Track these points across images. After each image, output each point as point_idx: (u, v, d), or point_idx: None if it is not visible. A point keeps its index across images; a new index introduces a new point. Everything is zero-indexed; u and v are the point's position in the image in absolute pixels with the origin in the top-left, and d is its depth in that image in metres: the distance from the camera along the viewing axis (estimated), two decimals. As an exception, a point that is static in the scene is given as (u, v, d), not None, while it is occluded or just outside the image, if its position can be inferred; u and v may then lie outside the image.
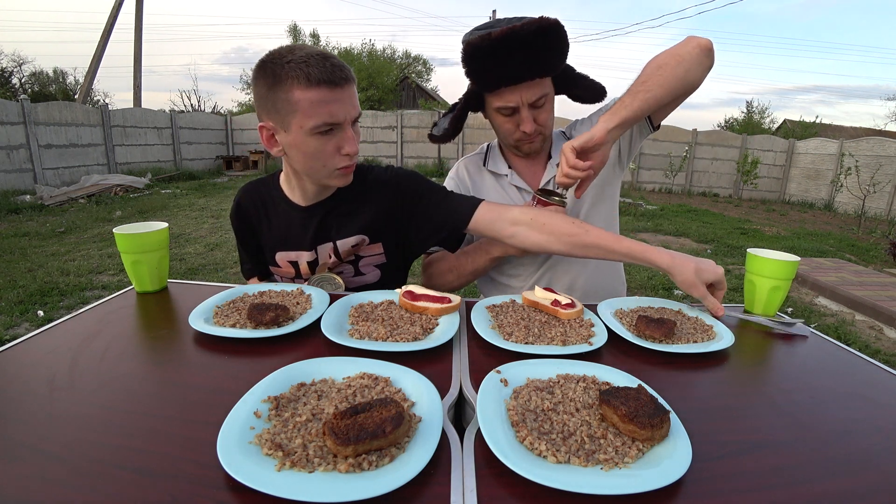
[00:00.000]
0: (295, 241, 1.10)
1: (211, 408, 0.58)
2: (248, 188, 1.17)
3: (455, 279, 1.21)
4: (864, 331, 3.64)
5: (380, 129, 13.65)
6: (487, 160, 1.29)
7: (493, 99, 1.08)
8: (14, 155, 8.17)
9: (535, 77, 1.03)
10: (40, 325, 3.02)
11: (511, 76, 1.02)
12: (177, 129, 12.24)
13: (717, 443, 0.56)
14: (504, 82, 1.03)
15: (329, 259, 1.09)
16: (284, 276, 1.15)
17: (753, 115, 25.50)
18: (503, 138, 1.18)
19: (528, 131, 1.08)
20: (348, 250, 1.09)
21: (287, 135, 0.92)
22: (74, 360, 0.70)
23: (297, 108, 0.88)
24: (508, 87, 1.04)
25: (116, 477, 0.47)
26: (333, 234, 1.09)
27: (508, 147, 1.20)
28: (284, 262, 1.12)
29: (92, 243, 5.17)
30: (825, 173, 12.03)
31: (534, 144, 1.15)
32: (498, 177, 1.27)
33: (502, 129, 1.13)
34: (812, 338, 0.91)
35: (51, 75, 24.96)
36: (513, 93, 1.04)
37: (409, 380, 0.64)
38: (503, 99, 1.06)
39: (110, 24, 13.09)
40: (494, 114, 1.12)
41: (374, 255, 1.12)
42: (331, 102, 0.89)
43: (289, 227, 1.10)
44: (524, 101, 1.05)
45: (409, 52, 26.69)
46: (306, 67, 0.86)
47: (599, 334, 0.82)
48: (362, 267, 1.13)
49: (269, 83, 0.89)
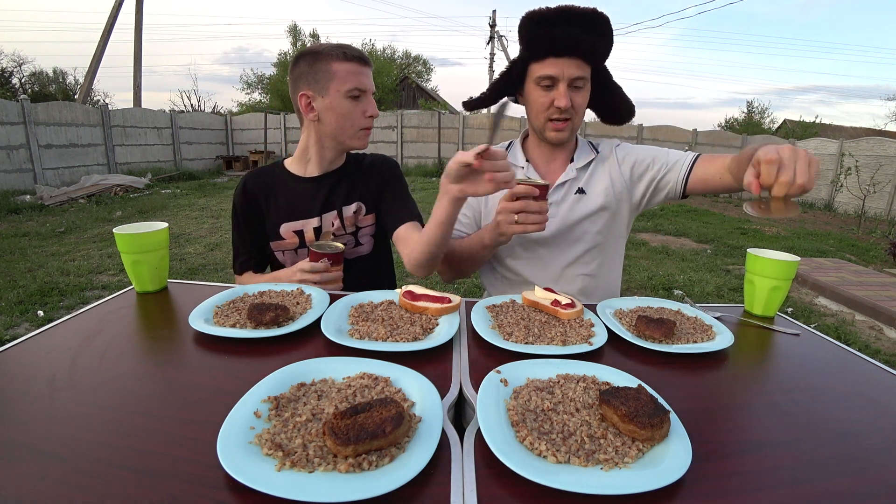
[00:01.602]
0: (303, 211, 1.25)
1: (211, 408, 0.58)
2: (253, 173, 1.31)
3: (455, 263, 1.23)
4: (864, 331, 3.64)
5: (380, 129, 13.64)
6: (507, 152, 1.30)
7: (537, 68, 1.12)
8: (14, 155, 8.17)
9: (580, 56, 1.09)
10: (40, 325, 3.02)
11: (560, 46, 1.08)
12: (177, 129, 12.25)
13: (717, 443, 0.56)
14: (553, 51, 1.09)
15: (332, 226, 1.25)
16: (287, 248, 1.27)
17: (753, 115, 25.51)
18: (535, 117, 1.18)
19: (561, 106, 1.11)
20: (350, 217, 1.26)
21: (324, 99, 1.15)
22: (74, 360, 0.70)
23: (336, 76, 1.13)
24: (555, 56, 1.09)
25: (116, 477, 0.47)
26: (338, 203, 1.26)
27: (538, 130, 1.21)
28: (289, 232, 1.25)
29: (92, 243, 5.17)
30: (825, 173, 12.01)
31: (562, 133, 1.16)
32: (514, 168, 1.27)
33: (537, 103, 1.15)
34: (812, 338, 0.91)
35: (51, 75, 24.96)
36: (556, 65, 1.09)
37: (409, 380, 0.64)
38: (546, 67, 1.10)
39: (110, 24, 13.08)
40: (532, 87, 1.15)
41: (369, 225, 1.30)
42: (360, 73, 1.15)
43: (296, 198, 1.26)
44: (565, 76, 1.09)
45: (409, 52, 26.74)
46: (341, 49, 1.14)
47: (599, 334, 0.82)
48: (361, 237, 1.30)
49: (310, 61, 1.14)
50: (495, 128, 0.86)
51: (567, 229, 1.22)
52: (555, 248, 1.23)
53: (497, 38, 24.23)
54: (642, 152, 1.25)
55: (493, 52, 25.09)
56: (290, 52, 21.11)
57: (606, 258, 1.27)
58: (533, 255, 1.24)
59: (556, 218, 1.21)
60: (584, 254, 1.23)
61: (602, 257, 1.26)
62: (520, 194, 0.99)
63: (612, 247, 1.28)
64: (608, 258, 1.27)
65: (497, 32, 24.32)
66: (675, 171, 1.18)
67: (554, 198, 1.22)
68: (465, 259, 1.21)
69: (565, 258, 1.23)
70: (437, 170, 13.25)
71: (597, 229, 1.23)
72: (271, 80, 21.01)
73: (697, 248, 6.05)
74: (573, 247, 1.23)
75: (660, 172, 1.21)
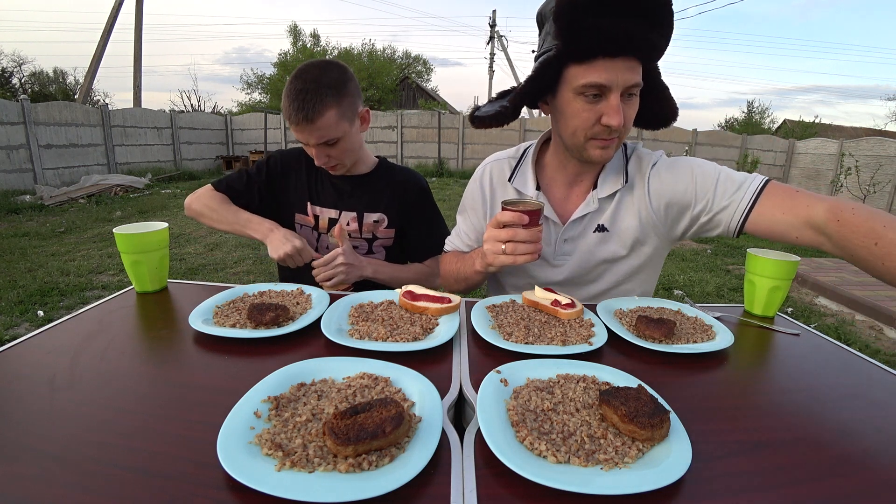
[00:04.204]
0: (326, 200, 1.30)
1: (211, 408, 0.58)
2: (289, 149, 1.37)
3: (453, 282, 1.13)
4: (864, 331, 3.64)
5: (380, 129, 13.64)
6: (515, 174, 1.08)
7: (581, 73, 0.84)
8: (14, 155, 8.17)
9: (638, 56, 0.84)
10: (40, 325, 3.02)
11: (614, 42, 0.80)
12: (177, 129, 12.24)
13: (717, 443, 0.56)
14: (603, 49, 0.81)
15: (347, 225, 1.28)
16: (305, 224, 1.32)
17: (754, 115, 25.52)
18: (571, 134, 0.92)
19: (613, 125, 0.85)
20: (370, 224, 1.29)
21: None
22: (74, 359, 0.70)
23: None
24: (607, 57, 0.82)
25: (116, 477, 0.47)
26: (360, 207, 1.29)
27: (573, 148, 0.94)
28: (311, 212, 1.31)
29: (92, 243, 5.17)
30: (825, 173, 12.03)
31: (608, 150, 0.91)
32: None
33: (578, 118, 0.88)
34: (812, 338, 0.91)
35: (51, 75, 24.97)
36: (609, 69, 0.82)
37: (409, 380, 0.64)
38: (595, 72, 0.83)
39: (110, 24, 13.08)
40: (572, 97, 0.87)
41: (387, 238, 1.32)
42: (298, 133, 1.13)
43: (323, 186, 1.31)
44: (619, 84, 0.83)
45: (409, 53, 26.70)
46: (287, 111, 1.11)
47: (599, 334, 0.82)
48: (375, 247, 1.32)
49: None
50: None
51: (585, 272, 1.06)
52: (571, 287, 1.08)
53: (497, 38, 24.23)
54: (682, 184, 0.96)
55: (493, 52, 25.12)
56: (290, 52, 21.10)
57: (637, 287, 1.09)
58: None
59: (572, 257, 1.05)
60: (607, 291, 1.09)
61: (631, 288, 1.09)
62: (506, 223, 0.82)
63: (645, 276, 1.09)
64: (640, 286, 1.10)
65: (497, 32, 24.33)
66: (727, 214, 0.92)
67: (570, 233, 1.04)
68: (459, 280, 1.07)
69: (584, 294, 1.09)
70: (437, 170, 13.26)
71: (624, 271, 1.05)
72: (271, 80, 20.99)
73: (697, 248, 6.05)
74: (594, 285, 1.08)
75: (703, 215, 0.95)
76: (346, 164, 1.23)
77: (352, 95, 1.15)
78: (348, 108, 1.14)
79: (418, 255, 1.37)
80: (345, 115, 1.13)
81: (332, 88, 1.09)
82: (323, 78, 1.10)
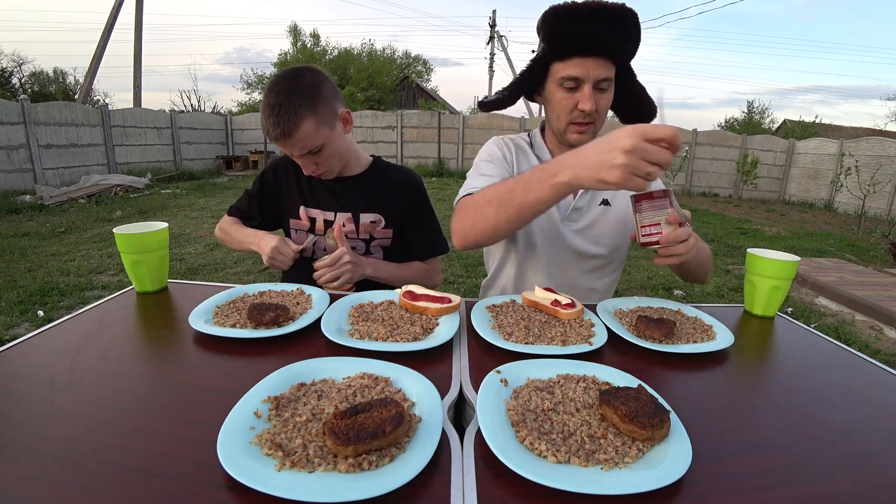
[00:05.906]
0: (320, 202, 1.31)
1: (211, 408, 0.58)
2: (281, 157, 1.36)
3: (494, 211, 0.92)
4: (864, 331, 3.64)
5: (379, 129, 13.64)
6: (533, 145, 1.26)
7: (561, 68, 1.06)
8: (14, 155, 8.16)
9: (607, 55, 1.03)
10: (40, 325, 3.02)
11: (586, 45, 1.02)
12: (177, 129, 12.23)
13: (717, 443, 0.56)
14: (578, 50, 1.03)
15: (343, 226, 1.27)
16: (300, 228, 1.32)
17: (753, 115, 25.52)
18: (556, 118, 1.13)
19: (586, 109, 1.05)
20: (367, 224, 1.28)
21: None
22: (74, 359, 0.70)
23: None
24: (581, 56, 1.03)
25: (116, 477, 0.47)
26: (355, 207, 1.28)
27: (558, 132, 1.15)
28: (305, 215, 1.31)
29: (92, 243, 5.17)
30: (825, 173, 12.02)
31: (584, 135, 1.10)
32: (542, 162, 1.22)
33: (560, 105, 1.09)
34: (812, 338, 0.91)
35: (51, 75, 24.95)
36: (582, 65, 1.03)
37: (409, 380, 0.64)
38: (571, 67, 1.04)
39: (110, 24, 13.08)
40: (555, 88, 1.09)
41: (384, 238, 1.31)
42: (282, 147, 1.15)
43: (316, 188, 1.31)
44: (590, 77, 1.04)
45: (409, 52, 26.69)
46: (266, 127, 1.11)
47: (599, 334, 0.82)
48: (373, 247, 1.32)
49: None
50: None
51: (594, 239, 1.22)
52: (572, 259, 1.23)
53: (497, 38, 24.23)
54: None
55: (493, 52, 25.12)
56: (291, 52, 21.08)
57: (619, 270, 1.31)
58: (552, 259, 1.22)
59: (577, 224, 1.21)
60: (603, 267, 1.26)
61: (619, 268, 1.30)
62: (667, 138, 0.69)
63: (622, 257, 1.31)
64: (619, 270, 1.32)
65: (497, 32, 24.32)
66: None
67: (580, 202, 1.20)
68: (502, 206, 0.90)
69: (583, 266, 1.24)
70: (437, 170, 13.25)
71: (626, 245, 1.26)
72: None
73: (697, 248, 6.04)
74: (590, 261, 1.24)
75: None
76: (334, 169, 1.22)
77: (328, 100, 1.13)
78: (326, 113, 1.12)
79: (418, 253, 1.37)
80: (323, 121, 1.11)
81: (305, 97, 1.08)
82: (296, 87, 1.08)
